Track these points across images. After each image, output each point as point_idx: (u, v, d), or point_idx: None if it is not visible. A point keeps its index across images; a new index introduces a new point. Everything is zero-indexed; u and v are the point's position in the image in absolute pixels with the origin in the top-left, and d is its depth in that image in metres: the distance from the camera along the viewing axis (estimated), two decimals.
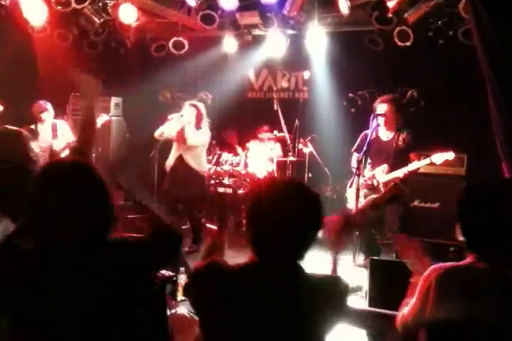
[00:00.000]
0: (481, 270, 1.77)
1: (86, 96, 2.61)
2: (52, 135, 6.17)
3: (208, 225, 5.61)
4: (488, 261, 1.78)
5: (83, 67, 6.83)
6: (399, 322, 1.93)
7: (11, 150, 2.64)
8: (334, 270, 1.89)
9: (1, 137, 2.74)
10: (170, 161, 5.77)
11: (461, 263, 1.83)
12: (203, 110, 5.75)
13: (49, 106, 6.31)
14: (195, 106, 5.72)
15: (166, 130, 5.63)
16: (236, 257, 1.89)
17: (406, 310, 1.90)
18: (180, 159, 5.66)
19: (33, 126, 6.22)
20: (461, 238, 1.87)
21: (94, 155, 7.08)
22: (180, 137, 5.60)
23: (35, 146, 2.79)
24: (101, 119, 6.42)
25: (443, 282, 1.76)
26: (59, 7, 6.19)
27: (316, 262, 1.89)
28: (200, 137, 5.66)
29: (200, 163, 5.75)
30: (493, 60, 3.12)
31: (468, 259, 1.83)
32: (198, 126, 5.65)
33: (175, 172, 5.69)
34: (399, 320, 1.93)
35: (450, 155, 4.60)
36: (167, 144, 6.77)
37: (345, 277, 1.69)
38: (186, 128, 5.54)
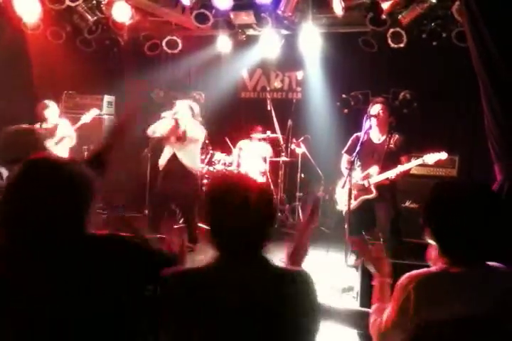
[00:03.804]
0: (457, 274, 1.73)
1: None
2: (50, 135, 6.15)
3: (201, 225, 5.60)
4: (462, 264, 1.75)
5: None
6: (374, 328, 1.86)
7: (25, 149, 2.59)
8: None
9: (15, 136, 2.69)
10: (163, 160, 5.75)
11: (434, 269, 1.78)
12: (197, 109, 5.75)
13: (51, 104, 6.28)
14: (188, 104, 5.72)
15: (159, 127, 5.61)
16: None
17: (384, 317, 1.83)
18: (173, 157, 5.63)
19: (37, 126, 6.22)
20: (430, 241, 1.83)
21: (86, 153, 7.07)
22: (173, 134, 5.58)
23: (50, 144, 2.78)
24: (91, 114, 6.41)
25: (422, 291, 1.71)
26: (52, 5, 6.16)
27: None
28: (198, 131, 5.62)
29: (194, 161, 5.72)
30: (488, 62, 3.13)
31: (441, 264, 1.79)
32: (193, 121, 5.63)
33: (168, 171, 5.67)
34: (374, 325, 1.86)
35: (443, 155, 4.62)
36: (160, 143, 6.75)
37: (337, 277, 1.68)
38: (182, 123, 5.50)
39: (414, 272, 1.78)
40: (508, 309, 1.71)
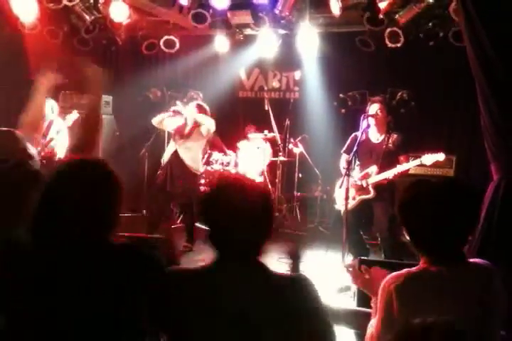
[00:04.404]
0: (436, 273, 1.74)
1: (92, 89, 2.52)
2: (44, 132, 6.12)
3: (197, 224, 5.61)
4: (441, 263, 1.75)
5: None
6: (368, 337, 1.86)
7: (7, 150, 2.57)
8: None
9: None
10: (166, 156, 5.77)
11: (414, 268, 1.79)
12: (207, 110, 5.77)
13: (49, 100, 6.24)
14: (200, 106, 5.74)
15: (168, 121, 5.64)
16: None
17: (374, 323, 1.84)
18: (175, 154, 5.66)
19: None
20: (407, 239, 1.84)
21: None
22: (180, 132, 5.62)
23: (30, 145, 2.73)
24: (71, 117, 6.31)
25: (403, 291, 1.72)
26: (50, 4, 6.15)
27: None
28: (211, 122, 5.65)
29: (195, 160, 5.74)
30: (485, 63, 3.14)
31: (421, 264, 1.80)
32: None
33: (170, 167, 5.69)
34: (368, 337, 1.86)
35: (440, 156, 4.63)
36: (157, 142, 6.75)
37: (334, 277, 1.67)
38: (198, 117, 5.54)
39: (395, 273, 1.78)
40: (486, 306, 1.72)
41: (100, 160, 1.78)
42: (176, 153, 5.64)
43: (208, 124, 5.57)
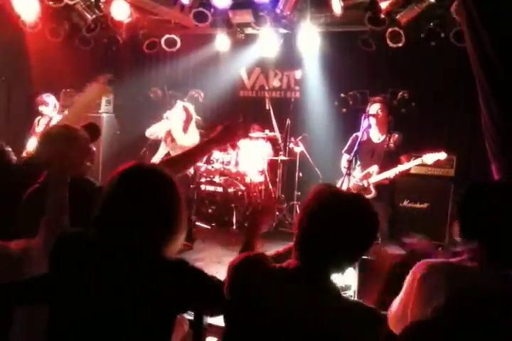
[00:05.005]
0: (468, 269, 1.75)
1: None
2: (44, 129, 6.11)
3: (199, 223, 5.62)
4: (483, 260, 1.76)
5: None
6: (390, 321, 1.89)
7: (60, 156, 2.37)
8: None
9: (53, 139, 2.48)
10: (157, 159, 5.80)
11: (452, 260, 1.81)
12: (193, 112, 5.85)
13: (50, 99, 6.25)
14: (185, 109, 5.80)
15: (157, 130, 5.73)
16: (227, 256, 1.89)
17: (393, 306, 1.88)
18: (167, 156, 5.69)
19: (36, 120, 6.22)
20: (457, 238, 1.85)
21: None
22: (169, 136, 5.67)
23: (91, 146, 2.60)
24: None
25: (427, 277, 1.75)
26: (51, 2, 6.15)
27: None
28: (189, 138, 5.73)
29: None
30: (485, 63, 3.14)
31: (462, 258, 1.81)
32: (185, 128, 5.75)
33: None
34: (389, 318, 1.89)
35: (442, 155, 4.64)
36: (158, 141, 6.75)
37: (334, 276, 1.66)
38: (174, 130, 5.62)
39: (430, 260, 1.82)
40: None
41: (159, 167, 1.77)
42: (168, 155, 5.68)
43: (187, 142, 5.64)
